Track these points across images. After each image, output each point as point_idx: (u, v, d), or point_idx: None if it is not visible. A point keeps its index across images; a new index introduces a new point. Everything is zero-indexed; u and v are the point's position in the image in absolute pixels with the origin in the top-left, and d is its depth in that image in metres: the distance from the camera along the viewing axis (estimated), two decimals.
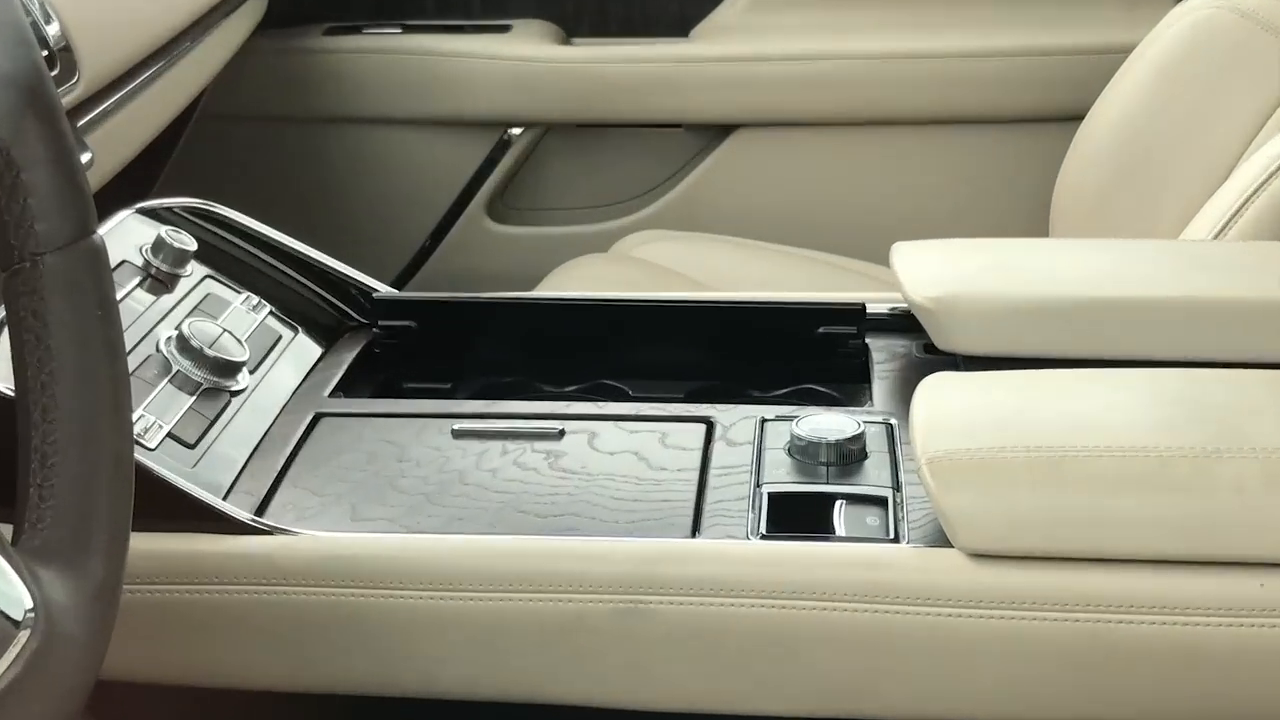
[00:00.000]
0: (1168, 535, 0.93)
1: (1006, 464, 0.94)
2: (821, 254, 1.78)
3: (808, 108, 1.90)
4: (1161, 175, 1.51)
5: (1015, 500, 0.94)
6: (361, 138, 1.98)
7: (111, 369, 0.76)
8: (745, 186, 1.94)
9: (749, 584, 0.96)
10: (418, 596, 0.98)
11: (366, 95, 1.95)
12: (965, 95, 1.87)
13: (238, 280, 1.25)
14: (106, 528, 0.75)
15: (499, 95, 1.93)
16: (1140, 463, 0.93)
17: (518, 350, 1.28)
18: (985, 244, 1.25)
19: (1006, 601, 0.94)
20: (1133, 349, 1.10)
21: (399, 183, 1.99)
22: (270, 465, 1.08)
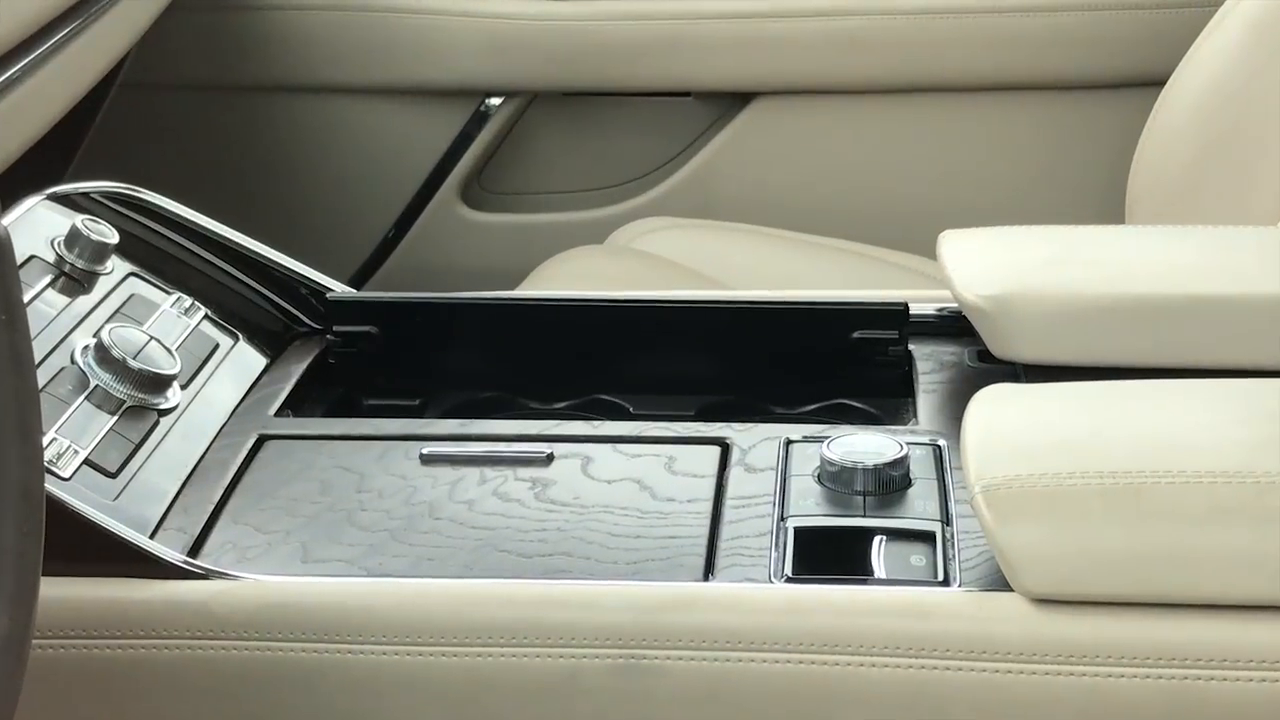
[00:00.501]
0: (1266, 576, 0.93)
1: (1076, 493, 0.94)
2: (856, 245, 1.78)
3: (838, 72, 1.90)
4: (1257, 150, 1.51)
5: (1087, 536, 0.94)
6: (311, 110, 1.98)
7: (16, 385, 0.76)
8: (765, 165, 1.94)
9: (772, 635, 0.96)
10: (381, 652, 0.98)
11: (317, 60, 1.95)
12: (1026, 58, 1.87)
13: (167, 279, 1.25)
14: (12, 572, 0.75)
15: (474, 59, 1.93)
16: (1235, 491, 0.93)
17: (498, 360, 1.28)
18: (1049, 232, 1.25)
19: (1077, 655, 0.94)
20: (1225, 356, 1.10)
21: (356, 163, 1.99)
22: (206, 497, 1.08)
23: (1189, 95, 1.58)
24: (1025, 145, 1.90)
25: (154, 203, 1.30)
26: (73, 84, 1.56)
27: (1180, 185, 1.57)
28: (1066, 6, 1.85)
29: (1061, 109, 1.89)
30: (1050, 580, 0.95)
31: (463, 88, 1.96)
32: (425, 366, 1.28)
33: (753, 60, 1.91)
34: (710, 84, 1.94)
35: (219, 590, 0.99)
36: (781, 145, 1.94)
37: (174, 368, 1.15)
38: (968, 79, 1.88)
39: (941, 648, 0.95)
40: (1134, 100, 1.72)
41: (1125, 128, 1.67)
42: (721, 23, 1.90)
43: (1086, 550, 0.94)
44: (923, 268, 1.68)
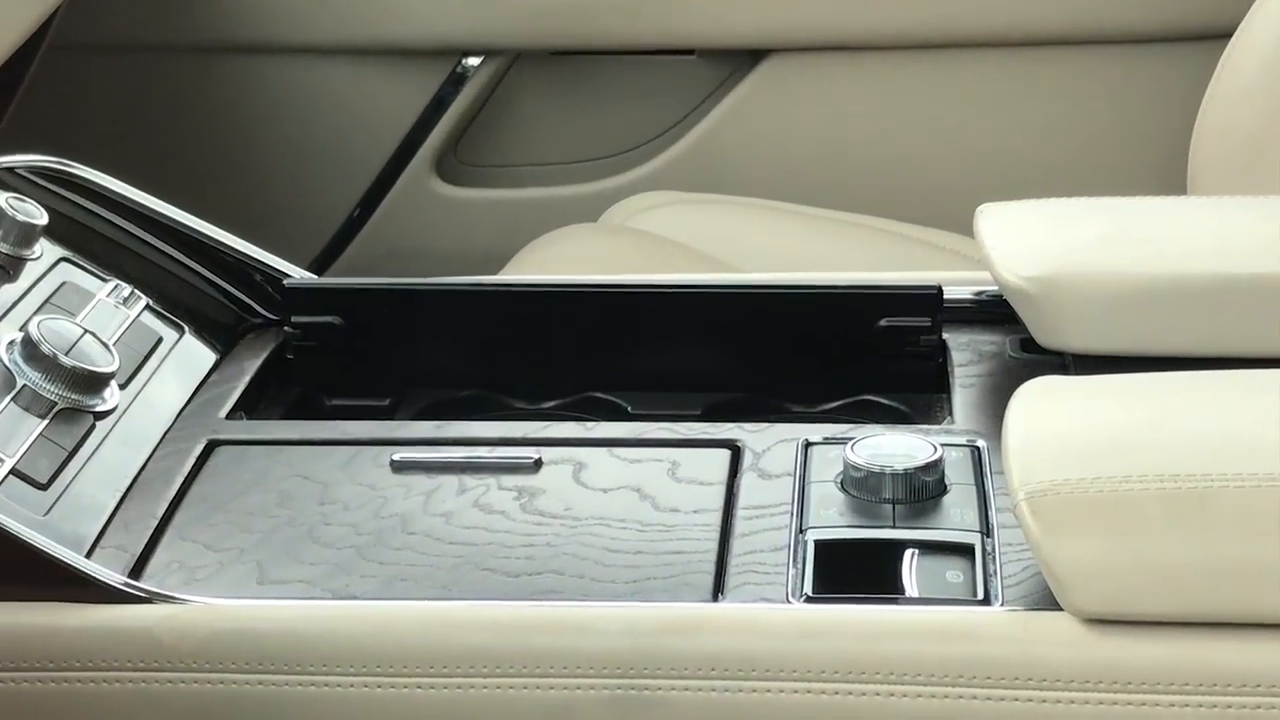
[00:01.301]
0: None
1: (1134, 500, 0.94)
2: (882, 221, 1.78)
3: (862, 26, 1.90)
4: None
5: (1146, 548, 0.94)
6: (265, 73, 1.99)
7: None
8: (779, 132, 1.95)
9: (790, 662, 0.96)
10: (349, 684, 0.98)
11: (271, 15, 1.95)
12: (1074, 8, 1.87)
13: (103, 264, 1.25)
14: None
15: (450, 14, 1.93)
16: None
17: (479, 354, 1.28)
18: (1101, 205, 1.26)
19: (1134, 681, 0.94)
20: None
21: (316, 133, 2.00)
22: (149, 511, 1.08)
23: (1259, 49, 1.58)
24: (1074, 107, 1.90)
25: (87, 178, 1.31)
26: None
27: (1249, 151, 1.57)
28: None
29: (1115, 66, 1.89)
30: (1104, 598, 0.95)
31: (437, 46, 1.96)
32: (396, 362, 1.29)
33: (765, 13, 1.91)
34: (717, 40, 1.95)
35: (164, 615, 0.99)
36: (797, 109, 1.94)
37: (111, 365, 1.15)
38: (1009, 33, 1.88)
39: (982, 674, 0.95)
40: (1197, 55, 1.72)
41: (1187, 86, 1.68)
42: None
43: (1145, 564, 0.94)
44: (958, 246, 1.68)
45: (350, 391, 1.28)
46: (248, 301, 1.30)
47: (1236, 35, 1.60)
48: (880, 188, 1.91)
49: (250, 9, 1.95)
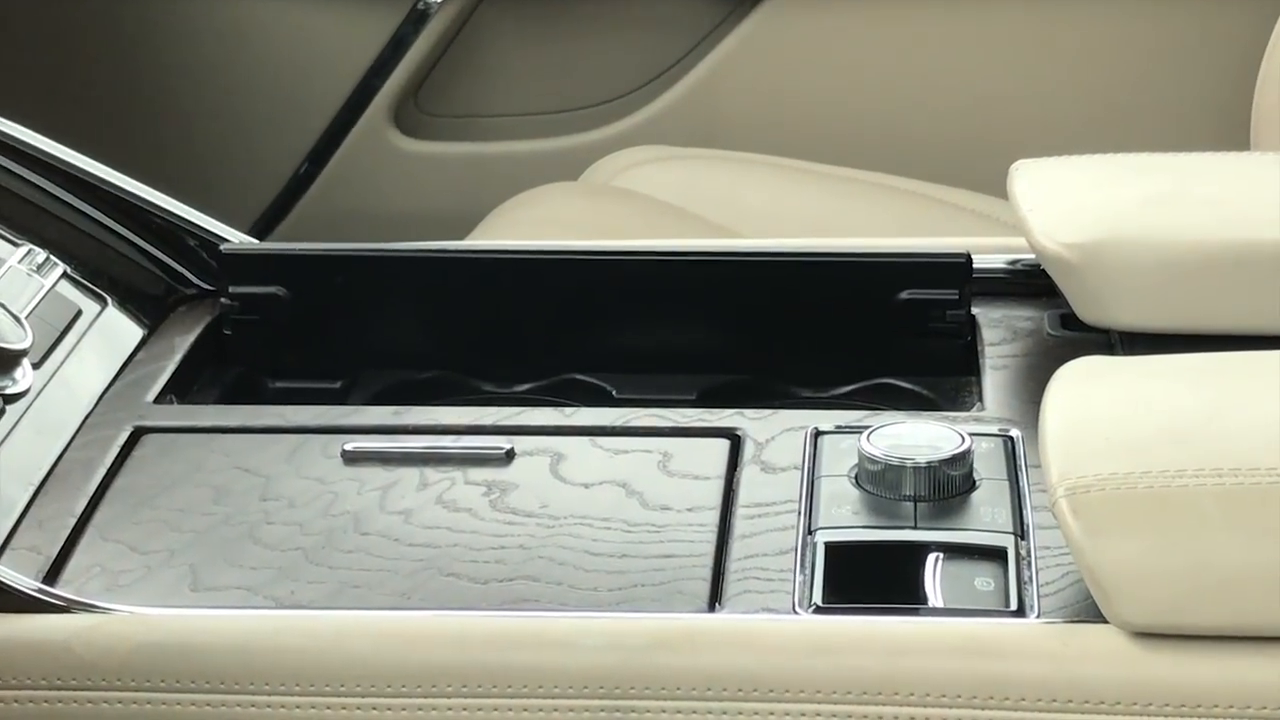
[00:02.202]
0: None
1: (1188, 497, 0.94)
2: (903, 180, 1.78)
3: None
4: None
5: (1201, 551, 0.94)
6: (201, 8, 1.99)
7: None
8: (783, 79, 1.95)
9: (797, 681, 0.96)
10: (294, 705, 0.98)
11: None
12: None
13: (14, 226, 1.25)
14: None
15: None
16: None
17: (443, 330, 1.29)
18: (1153, 162, 1.26)
19: (1189, 702, 0.94)
20: None
21: (260, 78, 2.00)
22: (66, 508, 1.08)
23: None
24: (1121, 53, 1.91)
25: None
26: None
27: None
28: None
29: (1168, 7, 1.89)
30: (1155, 609, 0.95)
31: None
32: (348, 338, 1.29)
33: None
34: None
35: (84, 626, 0.99)
36: (804, 53, 1.95)
37: (23, 341, 1.14)
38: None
39: (1015, 695, 0.95)
40: None
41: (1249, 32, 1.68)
42: None
43: (1202, 570, 0.94)
44: (989, 209, 1.69)
45: (296, 372, 1.28)
46: (179, 269, 1.31)
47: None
48: (897, 142, 1.91)
49: None
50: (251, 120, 2.01)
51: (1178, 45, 1.90)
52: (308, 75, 2.00)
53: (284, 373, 1.28)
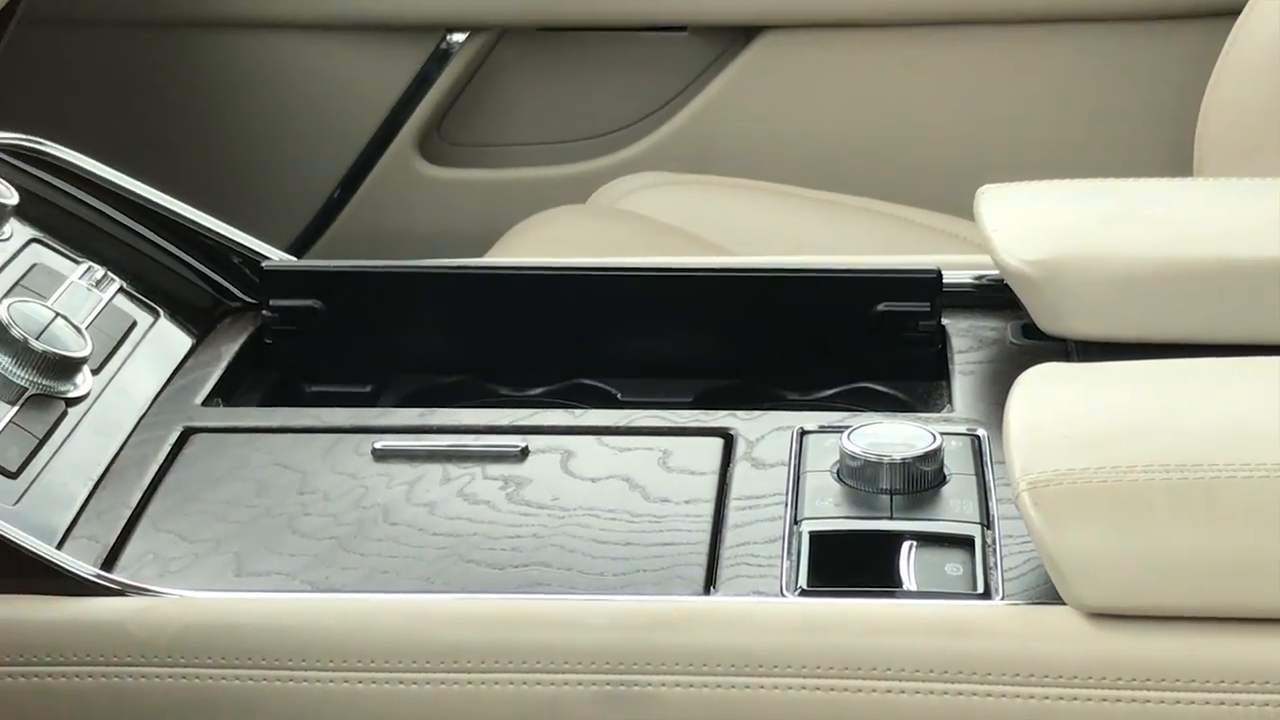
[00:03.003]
0: None
1: (1139, 491, 0.94)
2: (880, 204, 1.78)
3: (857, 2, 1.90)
4: None
5: (1152, 540, 0.94)
6: (243, 49, 1.98)
7: None
8: (773, 111, 1.95)
9: (784, 657, 0.96)
10: (328, 679, 0.98)
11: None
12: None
13: (76, 245, 1.25)
14: None
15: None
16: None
17: (464, 339, 1.28)
18: (1105, 187, 1.26)
19: (1139, 677, 0.94)
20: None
21: (296, 111, 2.00)
22: (122, 500, 1.08)
23: (1268, 26, 1.58)
24: (1076, 86, 1.91)
25: (59, 157, 1.30)
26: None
27: (1258, 131, 1.57)
28: None
29: (1119, 44, 1.89)
30: (1109, 591, 0.95)
31: (420, 21, 1.96)
32: (378, 347, 1.28)
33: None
34: (709, 16, 1.95)
35: (138, 608, 0.99)
36: (792, 88, 1.94)
37: (84, 349, 1.15)
38: (1010, 9, 1.88)
39: (982, 670, 0.95)
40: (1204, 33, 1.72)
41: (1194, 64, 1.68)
42: None
43: (1151, 556, 0.94)
44: (958, 229, 1.68)
45: (330, 377, 1.28)
46: (225, 284, 1.30)
47: (1245, 12, 1.60)
48: (877, 169, 1.91)
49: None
50: (290, 149, 2.01)
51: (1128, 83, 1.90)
52: (341, 109, 2.00)
53: (319, 378, 1.28)
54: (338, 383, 1.27)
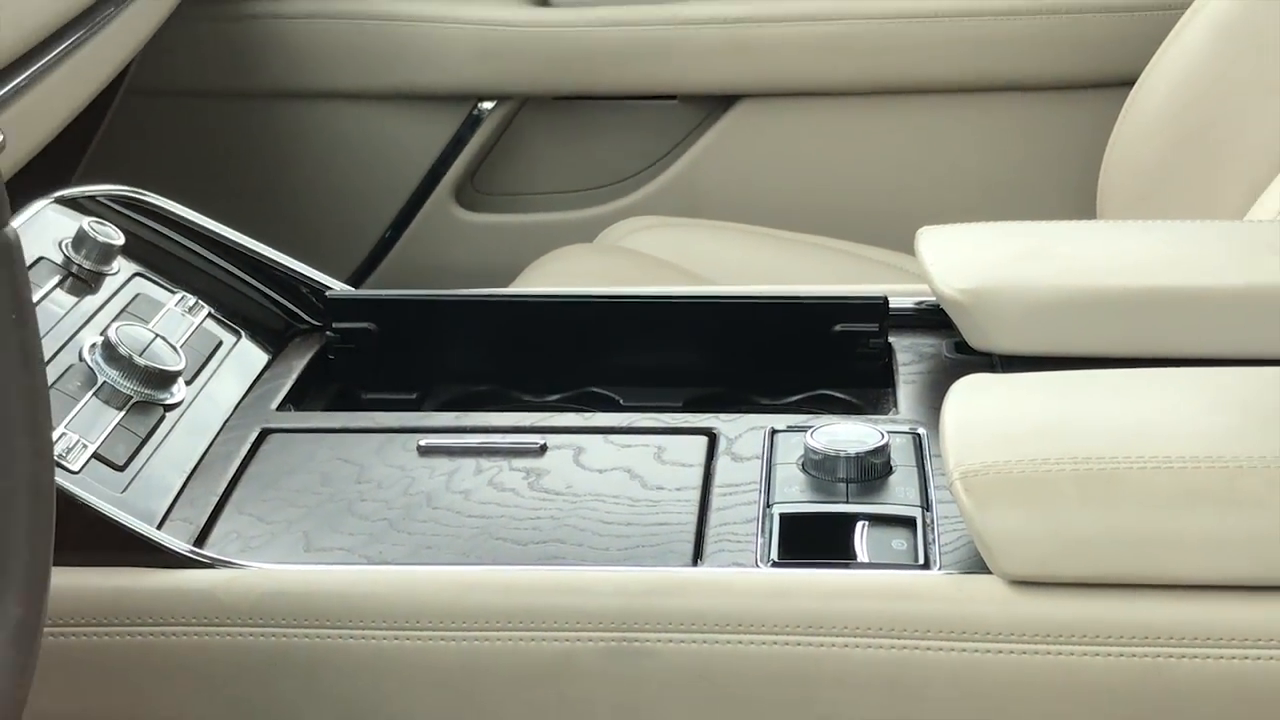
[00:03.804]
0: (1236, 557, 0.93)
1: (1051, 478, 0.94)
2: (838, 242, 1.78)
3: (820, 75, 1.90)
4: (1223, 148, 1.51)
5: (1062, 520, 0.94)
6: (310, 115, 1.98)
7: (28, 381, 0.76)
8: (749, 166, 1.95)
9: (758, 618, 0.96)
10: (381, 637, 0.98)
11: (315, 66, 1.95)
12: (1000, 59, 1.87)
13: (172, 278, 1.25)
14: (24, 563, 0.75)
15: (467, 65, 1.93)
16: (1204, 476, 0.93)
17: (492, 355, 1.28)
18: (1023, 228, 1.26)
19: (1052, 634, 0.94)
20: (1194, 345, 1.10)
21: (354, 166, 2.00)
22: (211, 489, 1.08)
23: (1158, 94, 1.58)
24: (1000, 144, 1.91)
25: (158, 205, 1.30)
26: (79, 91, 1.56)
27: (1150, 181, 1.57)
28: (1039, 10, 1.86)
29: (1035, 109, 1.89)
30: (1027, 563, 0.95)
31: (456, 92, 1.96)
32: (422, 361, 1.28)
33: (737, 64, 1.91)
34: (696, 87, 1.94)
35: (224, 579, 0.99)
36: (765, 146, 1.94)
37: (179, 364, 1.15)
38: (944, 81, 1.88)
39: (922, 629, 0.95)
40: (1105, 100, 1.72)
41: (1096, 126, 1.68)
42: (706, 28, 1.90)
43: (1061, 534, 0.94)
44: (902, 263, 1.68)
45: (382, 387, 1.27)
46: (295, 310, 1.30)
47: (1139, 82, 1.61)
48: (835, 213, 1.91)
49: (297, 61, 1.95)
50: (349, 197, 2.01)
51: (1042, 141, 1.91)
52: (391, 164, 2.00)
53: (373, 387, 1.28)
54: (388, 391, 1.27)
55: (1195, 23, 1.57)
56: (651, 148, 1.98)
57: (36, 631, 0.75)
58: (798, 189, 1.94)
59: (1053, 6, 1.86)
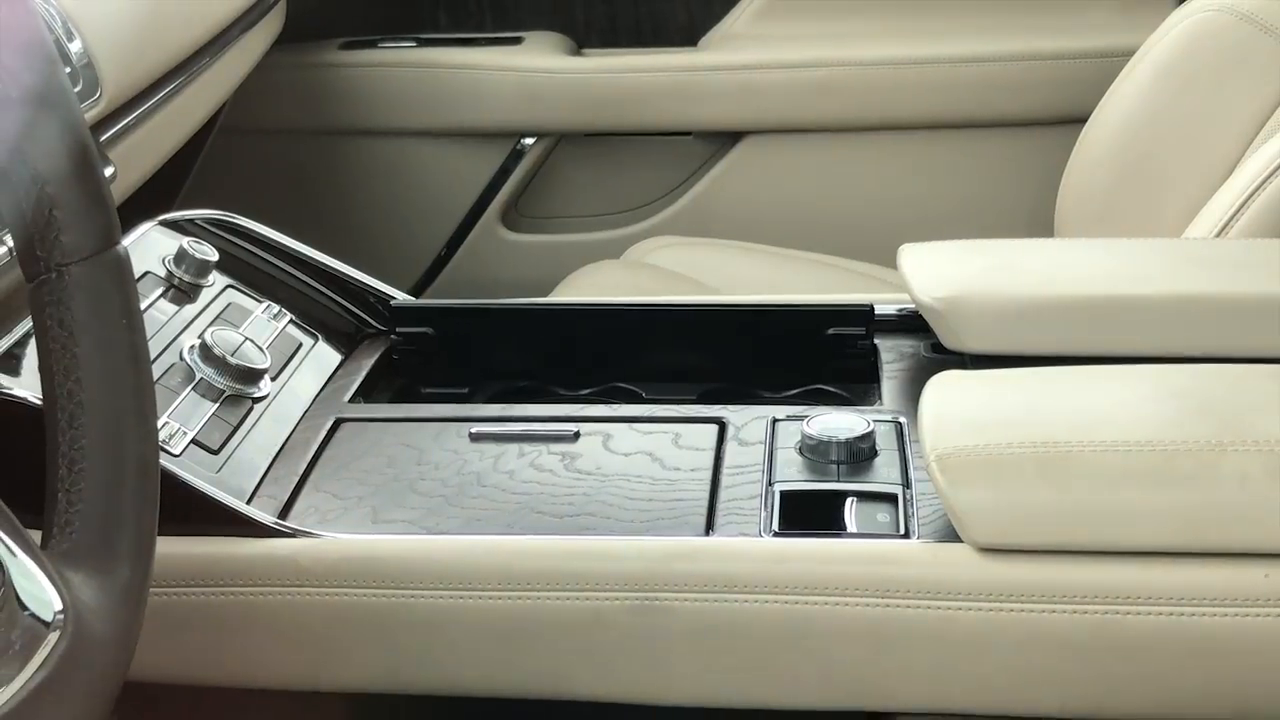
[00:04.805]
0: (1173, 528, 0.93)
1: (1014, 460, 0.94)
2: (830, 257, 1.78)
3: (814, 114, 1.90)
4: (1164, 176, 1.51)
5: (1023, 495, 0.94)
6: (378, 149, 1.99)
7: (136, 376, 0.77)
8: (754, 192, 1.94)
9: (762, 580, 0.96)
10: (438, 596, 0.98)
11: (382, 107, 1.95)
12: (970, 100, 1.87)
13: (258, 289, 1.25)
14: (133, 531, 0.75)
15: (512, 106, 1.93)
16: (1146, 457, 0.93)
17: (533, 355, 1.28)
18: (990, 245, 1.25)
19: (1015, 594, 0.94)
20: (1138, 346, 1.10)
21: (415, 193, 2.00)
22: (292, 470, 1.09)
23: (1107, 130, 1.57)
24: (970, 173, 1.90)
25: (247, 226, 1.31)
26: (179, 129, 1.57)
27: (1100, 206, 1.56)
28: (1005, 57, 1.86)
29: (1001, 143, 1.89)
30: (993, 533, 0.95)
31: (502, 130, 1.96)
32: (473, 361, 1.28)
33: (743, 105, 1.91)
34: (708, 125, 1.94)
35: (304, 546, 1.00)
36: (767, 175, 1.94)
37: (265, 363, 1.15)
38: (922, 119, 1.88)
39: (902, 590, 0.95)
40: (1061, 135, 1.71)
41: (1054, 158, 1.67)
42: (717, 74, 1.90)
43: (1022, 507, 0.94)
44: (885, 275, 1.68)
45: (439, 382, 1.27)
46: (364, 317, 1.30)
47: (1091, 119, 1.60)
48: (827, 232, 1.91)
49: (366, 103, 1.95)
50: (411, 219, 2.01)
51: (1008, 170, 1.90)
52: (447, 191, 2.00)
53: (431, 383, 1.28)
54: (444, 385, 1.27)
55: (1139, 68, 1.57)
56: (670, 177, 1.98)
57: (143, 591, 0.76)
58: (795, 212, 1.94)
59: (1016, 54, 1.85)
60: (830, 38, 1.90)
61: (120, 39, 1.37)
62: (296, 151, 2.00)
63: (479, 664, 0.98)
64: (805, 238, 1.88)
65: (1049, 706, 0.95)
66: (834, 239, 1.89)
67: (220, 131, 1.92)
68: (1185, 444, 0.93)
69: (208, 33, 1.59)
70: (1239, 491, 0.91)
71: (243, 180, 1.99)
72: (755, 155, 1.94)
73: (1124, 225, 1.52)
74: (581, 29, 1.99)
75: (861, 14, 1.92)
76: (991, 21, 1.89)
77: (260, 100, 1.93)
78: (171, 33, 1.50)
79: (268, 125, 1.98)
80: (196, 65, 1.57)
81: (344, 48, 1.97)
